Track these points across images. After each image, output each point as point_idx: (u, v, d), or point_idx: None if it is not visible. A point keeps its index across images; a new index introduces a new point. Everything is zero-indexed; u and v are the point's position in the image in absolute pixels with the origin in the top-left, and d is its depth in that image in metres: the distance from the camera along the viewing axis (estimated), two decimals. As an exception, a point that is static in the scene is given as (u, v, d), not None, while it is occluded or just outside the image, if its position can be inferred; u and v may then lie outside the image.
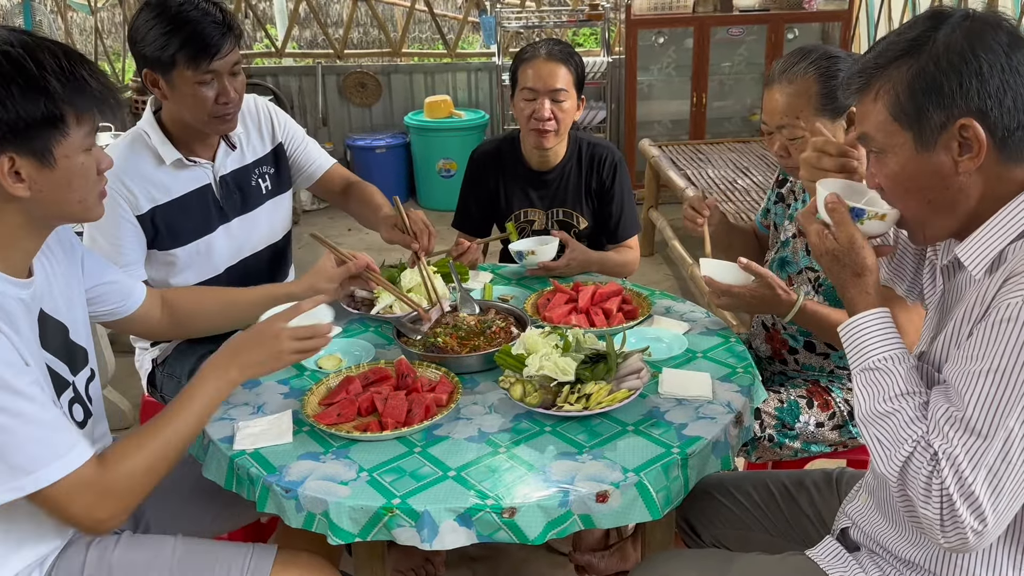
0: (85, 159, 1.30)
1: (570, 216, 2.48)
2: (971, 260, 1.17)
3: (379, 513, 1.34)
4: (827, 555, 1.38)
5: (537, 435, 1.53)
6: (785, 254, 2.01)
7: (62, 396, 1.40)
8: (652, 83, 5.81)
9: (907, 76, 1.13)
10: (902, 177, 1.18)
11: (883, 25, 5.40)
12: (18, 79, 1.21)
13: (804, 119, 1.78)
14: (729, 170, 4.48)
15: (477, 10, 6.04)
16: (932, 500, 1.08)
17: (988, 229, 1.15)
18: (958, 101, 1.10)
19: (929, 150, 1.14)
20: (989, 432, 1.05)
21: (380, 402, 1.58)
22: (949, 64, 1.10)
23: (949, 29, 1.11)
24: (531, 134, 2.35)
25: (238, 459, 1.48)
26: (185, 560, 1.45)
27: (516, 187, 2.49)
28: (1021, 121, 1.10)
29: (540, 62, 2.30)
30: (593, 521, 1.36)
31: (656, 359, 1.77)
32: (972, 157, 1.11)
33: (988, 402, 1.06)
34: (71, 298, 1.47)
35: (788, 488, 1.63)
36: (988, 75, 1.09)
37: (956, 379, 1.10)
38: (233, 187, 2.14)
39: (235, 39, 1.93)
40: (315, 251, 5.10)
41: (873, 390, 1.20)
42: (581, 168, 2.47)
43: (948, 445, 1.08)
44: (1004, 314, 1.05)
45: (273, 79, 6.10)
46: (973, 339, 1.09)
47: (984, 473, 1.05)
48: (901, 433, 1.15)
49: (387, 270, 2.13)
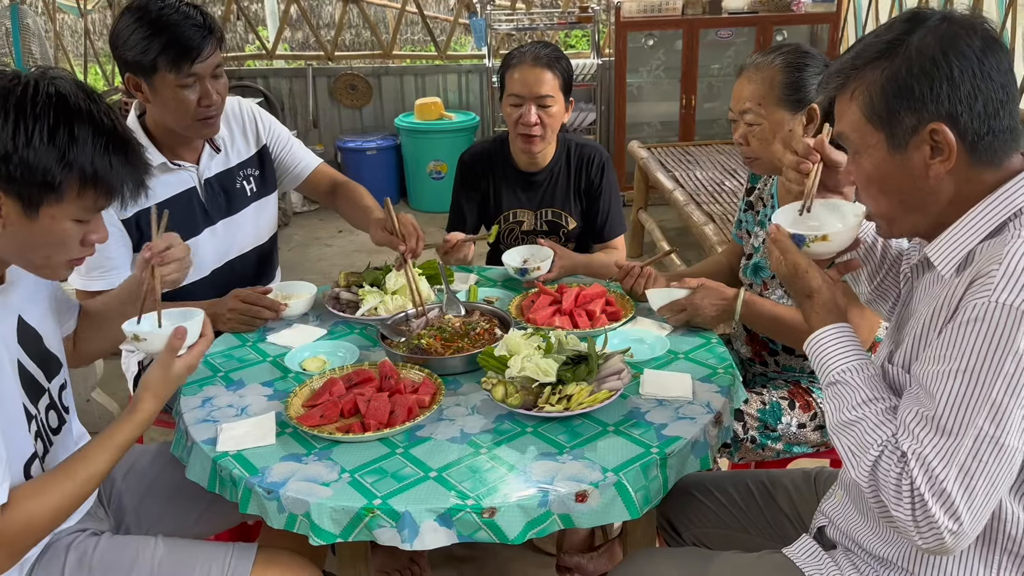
0: (71, 227, 1.28)
1: (559, 216, 2.50)
2: (941, 260, 1.19)
3: (360, 514, 1.35)
4: (803, 553, 1.39)
5: (519, 436, 1.54)
6: (758, 260, 2.03)
7: (39, 402, 1.40)
8: (641, 85, 5.83)
9: (880, 79, 1.14)
10: (875, 177, 1.20)
11: (871, 26, 5.43)
12: (44, 129, 1.19)
13: (765, 107, 1.84)
14: (717, 172, 4.50)
15: (468, 12, 6.05)
16: (903, 500, 1.09)
17: (957, 229, 1.17)
18: (929, 105, 1.12)
19: (901, 152, 1.16)
20: (959, 431, 1.07)
21: (363, 403, 1.59)
22: (920, 69, 1.11)
23: (923, 32, 1.13)
24: (519, 139, 2.37)
25: (221, 460, 1.49)
26: (166, 560, 1.45)
27: (505, 188, 2.51)
28: (992, 126, 1.12)
29: (526, 68, 2.31)
30: (573, 521, 1.37)
31: (638, 360, 1.78)
32: (943, 160, 1.13)
33: (957, 401, 1.07)
34: (45, 305, 1.48)
35: (767, 487, 1.65)
36: (959, 80, 1.10)
37: (925, 379, 1.12)
38: (218, 189, 2.15)
39: (216, 42, 1.93)
40: (304, 253, 5.11)
41: (837, 402, 1.23)
42: (570, 169, 2.48)
43: (918, 445, 1.10)
44: (971, 314, 1.07)
45: (264, 81, 6.10)
46: (942, 339, 1.11)
47: (956, 471, 1.06)
48: (866, 438, 1.17)
49: (371, 273, 2.14)
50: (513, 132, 2.38)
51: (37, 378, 1.40)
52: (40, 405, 1.40)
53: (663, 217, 5.05)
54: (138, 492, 1.60)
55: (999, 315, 1.04)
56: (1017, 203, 1.13)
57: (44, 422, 1.41)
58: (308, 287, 2.11)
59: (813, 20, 5.63)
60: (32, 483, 1.31)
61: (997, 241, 1.13)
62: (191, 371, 1.47)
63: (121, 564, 1.44)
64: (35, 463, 1.38)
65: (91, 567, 1.43)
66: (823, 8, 5.54)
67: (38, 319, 1.45)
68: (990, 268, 1.08)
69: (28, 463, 1.36)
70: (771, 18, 5.48)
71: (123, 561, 1.45)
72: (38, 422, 1.39)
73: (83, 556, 1.44)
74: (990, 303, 1.05)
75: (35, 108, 1.19)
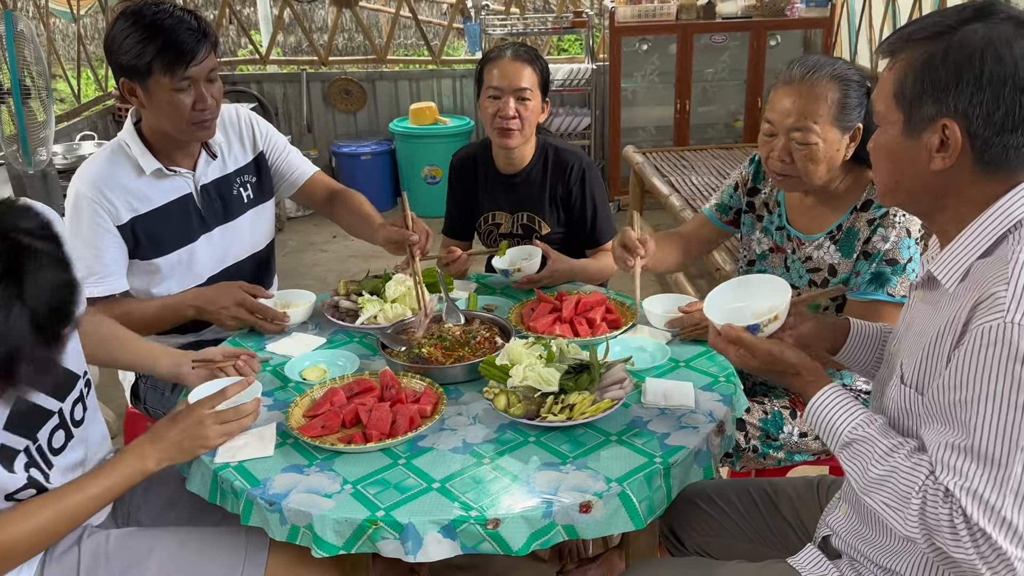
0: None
1: (532, 220, 2.48)
2: (944, 275, 1.19)
3: (363, 526, 1.34)
4: (808, 562, 1.39)
5: (521, 446, 1.53)
6: (763, 268, 2.03)
7: (43, 428, 1.39)
8: (636, 90, 5.84)
9: (918, 60, 1.13)
10: (885, 151, 1.22)
11: (864, 32, 5.45)
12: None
13: (820, 124, 1.74)
14: (712, 176, 4.50)
15: (462, 17, 6.05)
16: (962, 540, 1.06)
17: (959, 244, 1.17)
18: (949, 100, 1.11)
19: (913, 138, 1.16)
20: (1006, 458, 1.04)
21: (364, 414, 1.58)
22: (954, 61, 1.10)
23: (980, 26, 1.10)
24: (495, 133, 2.35)
25: (222, 472, 1.48)
26: (183, 547, 1.46)
27: (487, 190, 2.51)
28: (1006, 140, 1.10)
29: (506, 62, 2.31)
30: (577, 532, 1.37)
31: (639, 368, 1.78)
32: (945, 156, 1.13)
33: (997, 428, 1.04)
34: None
35: (770, 495, 1.64)
36: (985, 84, 1.09)
37: (952, 410, 1.10)
38: (215, 196, 2.14)
39: (211, 45, 1.93)
40: (299, 259, 5.09)
41: (859, 462, 1.20)
42: (547, 173, 2.46)
43: (962, 479, 1.07)
44: (987, 338, 1.05)
45: (257, 86, 6.08)
46: (958, 365, 1.09)
47: (1012, 499, 1.04)
48: (903, 488, 1.13)
49: (371, 281, 2.13)
50: (490, 127, 2.36)
51: (45, 406, 1.39)
52: (42, 433, 1.39)
53: (658, 222, 5.05)
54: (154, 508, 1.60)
55: (1016, 335, 1.03)
56: (1016, 215, 1.13)
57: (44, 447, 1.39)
58: (307, 295, 2.10)
59: (807, 25, 5.65)
60: (20, 506, 1.31)
61: (996, 258, 1.12)
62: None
63: (138, 552, 1.44)
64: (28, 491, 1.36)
65: (108, 556, 1.42)
66: (817, 13, 5.55)
67: None
68: (996, 290, 1.06)
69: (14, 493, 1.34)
70: (765, 23, 5.49)
71: (140, 549, 1.44)
72: (28, 452, 1.37)
73: (98, 547, 1.44)
74: (1004, 324, 1.04)
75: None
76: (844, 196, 1.86)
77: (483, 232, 2.57)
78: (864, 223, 1.81)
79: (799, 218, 1.95)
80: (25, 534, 1.30)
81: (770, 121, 1.81)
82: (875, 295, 1.78)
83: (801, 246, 1.93)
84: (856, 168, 1.83)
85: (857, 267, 1.81)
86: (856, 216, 1.83)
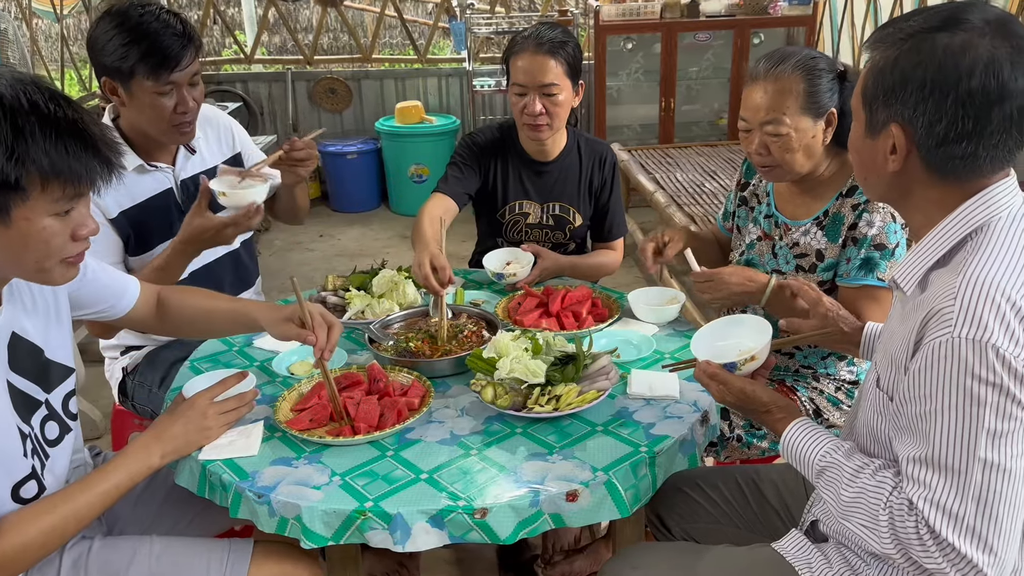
0: (51, 224, 1.20)
1: (567, 211, 2.41)
2: (903, 279, 1.22)
3: (352, 516, 1.35)
4: (793, 547, 1.41)
5: (508, 437, 1.55)
6: (751, 256, 2.05)
7: (32, 417, 1.38)
8: (621, 88, 5.86)
9: (879, 63, 1.15)
10: (854, 147, 1.26)
11: (846, 29, 5.50)
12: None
13: (790, 115, 1.78)
14: (697, 174, 4.53)
15: (447, 16, 6.06)
16: (931, 551, 1.08)
17: (919, 249, 1.20)
18: (896, 106, 1.13)
19: (872, 138, 1.19)
20: (964, 466, 1.07)
21: (352, 407, 1.59)
22: (902, 70, 1.12)
23: (940, 35, 1.09)
24: (525, 128, 2.28)
25: (210, 465, 1.48)
26: (163, 558, 1.45)
27: (512, 177, 2.39)
28: (950, 151, 1.11)
29: (528, 56, 2.19)
30: (563, 520, 1.38)
31: (625, 360, 1.80)
32: (896, 159, 1.16)
33: (951, 438, 1.07)
34: (47, 314, 1.45)
35: (755, 482, 1.67)
36: (928, 95, 1.10)
37: (912, 422, 1.13)
38: (194, 191, 2.13)
39: (195, 50, 1.94)
40: (284, 259, 5.09)
41: (833, 488, 1.24)
42: (581, 163, 2.39)
43: (926, 491, 1.09)
44: (939, 353, 1.07)
45: (242, 85, 6.07)
46: (914, 379, 1.11)
47: (974, 506, 1.06)
48: (871, 505, 1.16)
49: (358, 276, 2.14)
50: (519, 121, 2.29)
51: (31, 394, 1.38)
52: (34, 420, 1.39)
53: (644, 219, 5.08)
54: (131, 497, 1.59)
55: (965, 349, 1.05)
56: (975, 221, 1.14)
57: (39, 436, 1.39)
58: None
59: (790, 23, 5.69)
60: (30, 507, 1.31)
61: (949, 270, 1.14)
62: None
63: (118, 564, 1.43)
64: (30, 482, 1.36)
65: (87, 569, 1.42)
66: (799, 11, 5.59)
67: (40, 330, 1.42)
68: (943, 306, 1.09)
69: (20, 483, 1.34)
70: (748, 21, 5.53)
71: (120, 561, 1.44)
72: (32, 439, 1.37)
73: (78, 559, 1.43)
74: (953, 339, 1.06)
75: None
76: (830, 182, 1.89)
77: (507, 223, 2.42)
78: (849, 208, 1.84)
79: (786, 205, 1.99)
80: (38, 535, 1.29)
81: (744, 118, 1.86)
82: (865, 280, 1.81)
83: (788, 232, 1.95)
84: (841, 153, 1.86)
85: (847, 253, 1.84)
86: (842, 202, 1.86)
